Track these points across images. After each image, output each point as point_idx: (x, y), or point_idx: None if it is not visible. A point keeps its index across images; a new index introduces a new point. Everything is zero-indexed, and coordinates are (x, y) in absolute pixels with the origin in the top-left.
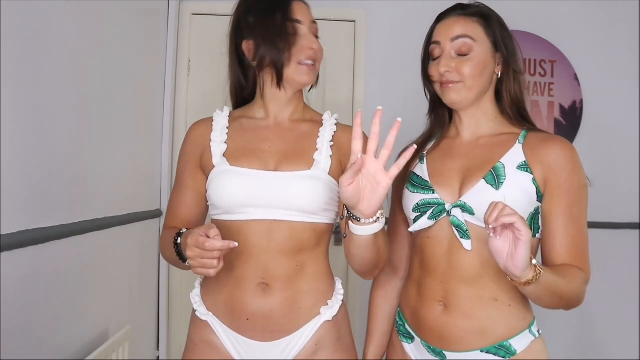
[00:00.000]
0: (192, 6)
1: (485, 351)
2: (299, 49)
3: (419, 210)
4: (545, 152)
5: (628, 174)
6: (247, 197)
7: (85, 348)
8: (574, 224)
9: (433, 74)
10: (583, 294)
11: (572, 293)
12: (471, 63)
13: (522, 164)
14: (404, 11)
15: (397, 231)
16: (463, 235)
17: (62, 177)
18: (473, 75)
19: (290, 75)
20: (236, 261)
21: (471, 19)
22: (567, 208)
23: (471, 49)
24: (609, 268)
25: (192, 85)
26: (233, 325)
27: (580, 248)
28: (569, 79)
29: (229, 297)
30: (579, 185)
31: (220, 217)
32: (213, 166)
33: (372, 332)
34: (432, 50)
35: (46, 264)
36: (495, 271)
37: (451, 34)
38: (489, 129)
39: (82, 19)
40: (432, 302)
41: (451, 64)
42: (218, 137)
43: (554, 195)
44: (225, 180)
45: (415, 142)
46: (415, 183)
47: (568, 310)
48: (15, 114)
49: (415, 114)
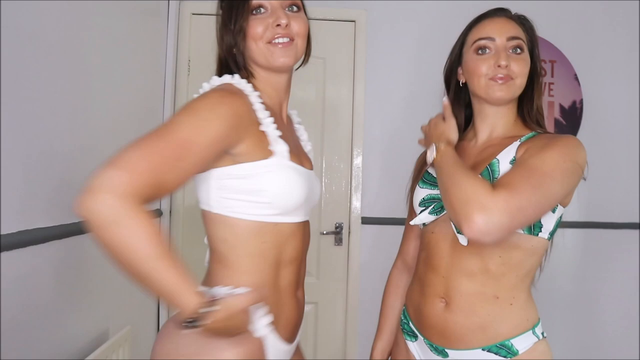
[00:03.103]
0: (192, 6)
1: (487, 350)
2: (262, 28)
3: (424, 204)
4: (532, 142)
5: (628, 174)
6: (305, 198)
7: (85, 348)
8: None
9: (481, 68)
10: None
11: (458, 185)
12: (524, 62)
13: (512, 159)
14: (404, 11)
15: (411, 230)
16: (460, 230)
17: (62, 177)
18: (525, 74)
19: (257, 59)
20: (288, 267)
21: (519, 24)
22: (519, 163)
23: (524, 49)
24: (609, 268)
25: (192, 85)
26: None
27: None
28: (569, 79)
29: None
30: (560, 155)
31: (274, 219)
32: (268, 155)
33: (381, 328)
34: (484, 44)
35: (46, 264)
36: (496, 268)
37: (507, 32)
38: (503, 132)
39: (82, 19)
40: (434, 299)
41: (509, 60)
42: (268, 121)
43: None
44: (295, 178)
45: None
46: (425, 180)
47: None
48: (15, 114)
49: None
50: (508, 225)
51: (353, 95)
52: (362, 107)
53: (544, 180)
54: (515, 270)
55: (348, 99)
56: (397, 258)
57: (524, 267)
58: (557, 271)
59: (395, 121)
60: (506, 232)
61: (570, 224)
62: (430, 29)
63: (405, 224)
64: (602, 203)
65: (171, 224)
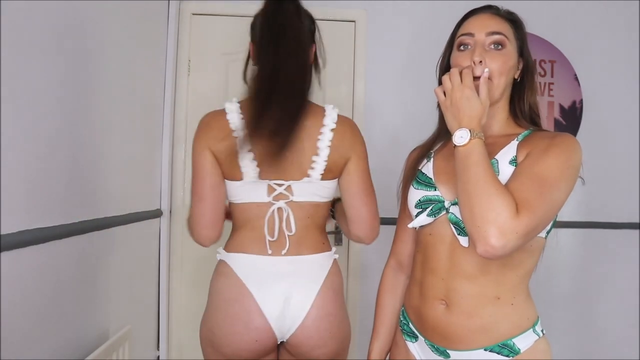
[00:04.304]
0: (192, 6)
1: (489, 350)
2: None
3: (421, 206)
4: (534, 142)
5: (628, 174)
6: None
7: (85, 348)
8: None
9: (461, 64)
10: (492, 214)
11: (482, 196)
12: (503, 58)
13: (512, 159)
14: (404, 11)
15: (403, 229)
16: (460, 232)
17: (62, 177)
18: (503, 72)
19: None
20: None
21: (504, 20)
22: (527, 170)
23: (505, 45)
24: (609, 268)
25: (192, 85)
26: None
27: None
28: (569, 79)
29: None
30: (559, 160)
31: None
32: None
33: (377, 328)
34: (463, 40)
35: (46, 264)
36: (496, 269)
37: (487, 28)
38: (497, 130)
39: (82, 19)
40: (434, 301)
41: (484, 56)
42: None
43: (523, 161)
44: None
45: (423, 143)
46: (420, 180)
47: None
48: (15, 114)
49: (415, 113)
50: (521, 245)
51: (353, 95)
52: (362, 107)
53: (553, 193)
54: (515, 270)
55: (348, 99)
56: (390, 257)
57: (524, 267)
58: (557, 271)
59: (395, 121)
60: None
61: (570, 224)
62: (430, 29)
63: (397, 223)
64: (602, 203)
65: (171, 224)
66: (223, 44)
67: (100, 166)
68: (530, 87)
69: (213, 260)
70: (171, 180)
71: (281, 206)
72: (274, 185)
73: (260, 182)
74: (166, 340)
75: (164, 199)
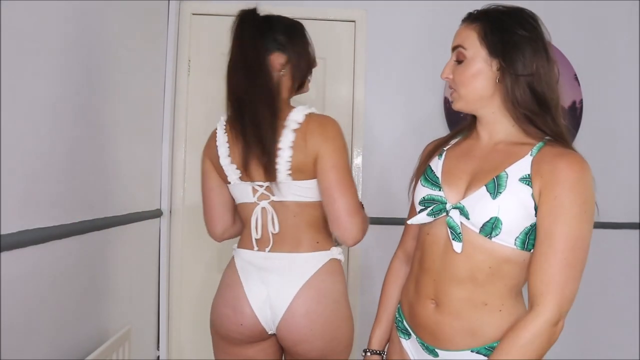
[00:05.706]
0: (192, 6)
1: (476, 351)
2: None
3: (424, 204)
4: (547, 167)
5: (628, 174)
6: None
7: (85, 348)
8: (557, 252)
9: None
10: (550, 333)
11: (534, 349)
12: (461, 70)
13: (525, 176)
14: (404, 11)
15: (411, 225)
16: (455, 237)
17: (62, 177)
18: (461, 82)
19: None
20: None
21: (471, 27)
22: (552, 228)
23: (464, 58)
24: (609, 268)
25: (192, 85)
26: None
27: (555, 280)
28: (569, 79)
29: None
30: (575, 205)
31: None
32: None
33: (380, 317)
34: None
35: (46, 264)
36: (484, 278)
37: (453, 43)
38: (505, 135)
39: (82, 19)
40: (426, 300)
41: (449, 72)
42: None
43: (542, 212)
44: None
45: (440, 138)
46: (428, 177)
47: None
48: (15, 114)
49: (415, 113)
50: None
51: (353, 95)
52: (362, 107)
53: (578, 259)
54: (504, 280)
55: (348, 99)
56: (399, 248)
57: (513, 278)
58: None
59: (395, 121)
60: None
61: None
62: (430, 29)
63: (408, 215)
64: (602, 203)
65: (171, 224)
66: (223, 44)
67: (100, 166)
68: (508, 84)
69: (213, 260)
70: (171, 180)
71: (264, 206)
72: (256, 186)
73: (245, 184)
74: (166, 340)
75: (164, 199)
